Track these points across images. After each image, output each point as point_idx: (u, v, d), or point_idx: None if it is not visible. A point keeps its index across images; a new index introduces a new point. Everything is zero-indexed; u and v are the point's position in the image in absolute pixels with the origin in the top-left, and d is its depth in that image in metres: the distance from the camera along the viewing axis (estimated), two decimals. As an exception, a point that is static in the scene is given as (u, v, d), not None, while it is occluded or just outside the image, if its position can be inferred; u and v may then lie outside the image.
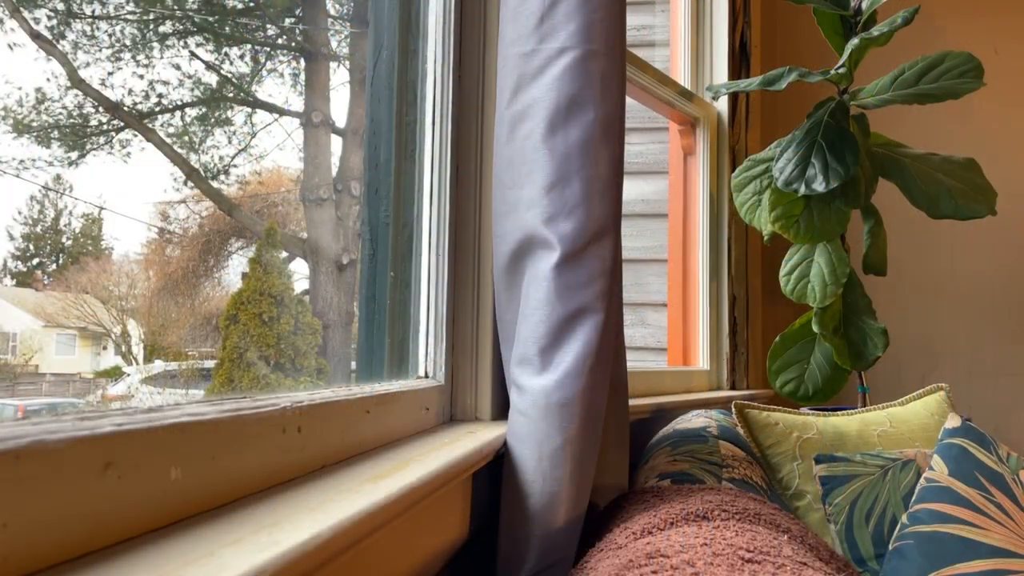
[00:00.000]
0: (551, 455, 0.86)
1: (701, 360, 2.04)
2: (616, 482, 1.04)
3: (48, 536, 0.38)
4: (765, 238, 1.78)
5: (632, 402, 1.17)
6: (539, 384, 0.87)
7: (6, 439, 0.35)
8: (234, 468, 0.53)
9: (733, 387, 2.06)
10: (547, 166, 0.88)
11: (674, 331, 2.09)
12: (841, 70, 1.75)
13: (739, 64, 2.15)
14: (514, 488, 0.88)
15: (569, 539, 0.88)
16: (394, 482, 0.60)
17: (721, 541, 0.72)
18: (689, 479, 1.01)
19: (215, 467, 0.51)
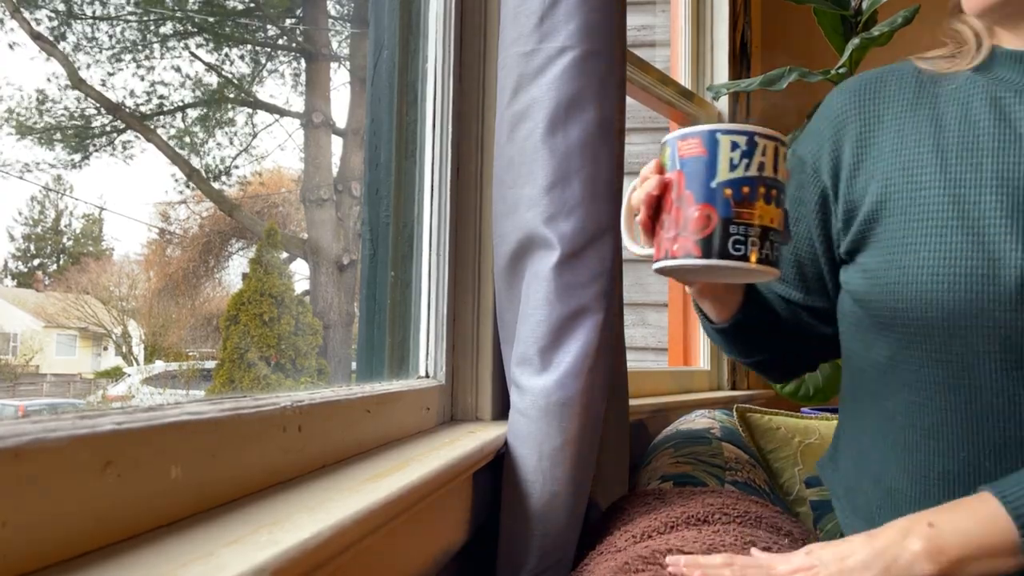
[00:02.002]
0: (551, 455, 0.85)
1: (702, 360, 2.04)
2: (617, 483, 1.03)
3: (48, 535, 0.38)
4: (766, 238, 1.78)
5: (632, 402, 1.17)
6: (539, 384, 0.87)
7: (6, 437, 0.35)
8: (234, 467, 0.53)
9: (734, 387, 2.06)
10: (547, 166, 0.88)
11: (674, 331, 2.09)
12: (842, 70, 1.75)
13: (740, 64, 2.15)
14: (514, 488, 0.88)
15: (569, 540, 0.88)
16: (394, 482, 0.60)
17: (720, 547, 0.72)
18: (692, 481, 1.01)
19: (215, 466, 0.51)
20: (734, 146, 0.61)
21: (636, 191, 0.68)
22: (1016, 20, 0.73)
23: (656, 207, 0.67)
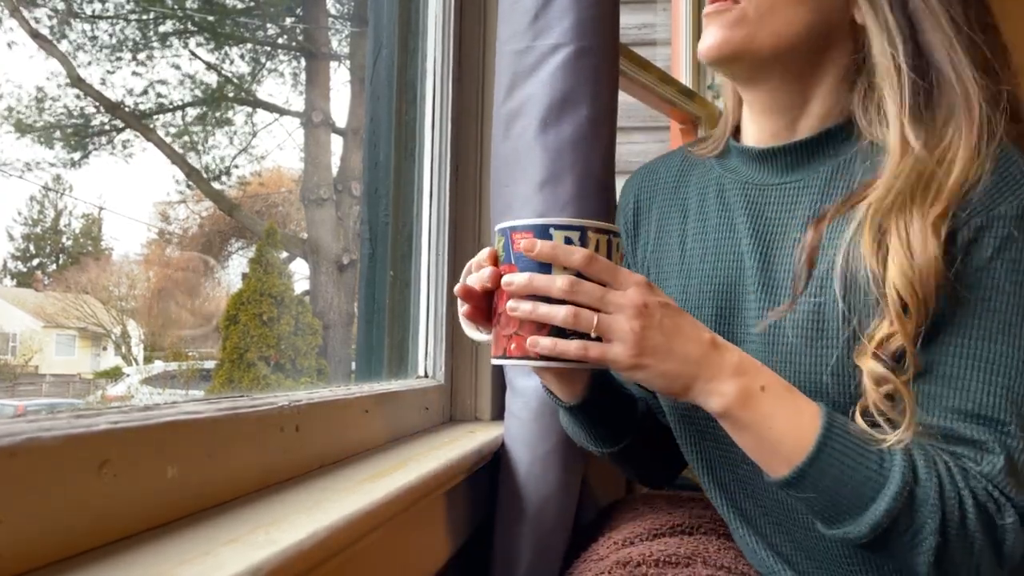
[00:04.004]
0: (543, 458, 0.85)
1: (701, 360, 2.04)
2: (613, 485, 1.03)
3: (44, 534, 0.37)
4: (765, 238, 1.78)
5: (632, 402, 1.16)
6: (531, 385, 0.87)
7: (2, 436, 0.35)
8: (231, 467, 0.53)
9: (733, 387, 2.05)
10: (540, 163, 0.88)
11: (674, 331, 2.08)
12: (842, 70, 1.74)
13: (739, 64, 2.15)
14: (509, 489, 0.87)
15: (560, 541, 0.87)
16: (392, 482, 0.60)
17: (704, 554, 0.72)
18: (686, 483, 1.01)
19: (212, 466, 0.50)
20: (567, 242, 0.59)
21: (469, 277, 0.65)
22: (754, 83, 0.72)
23: (488, 296, 0.64)
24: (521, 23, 0.91)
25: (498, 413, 1.03)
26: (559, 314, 0.57)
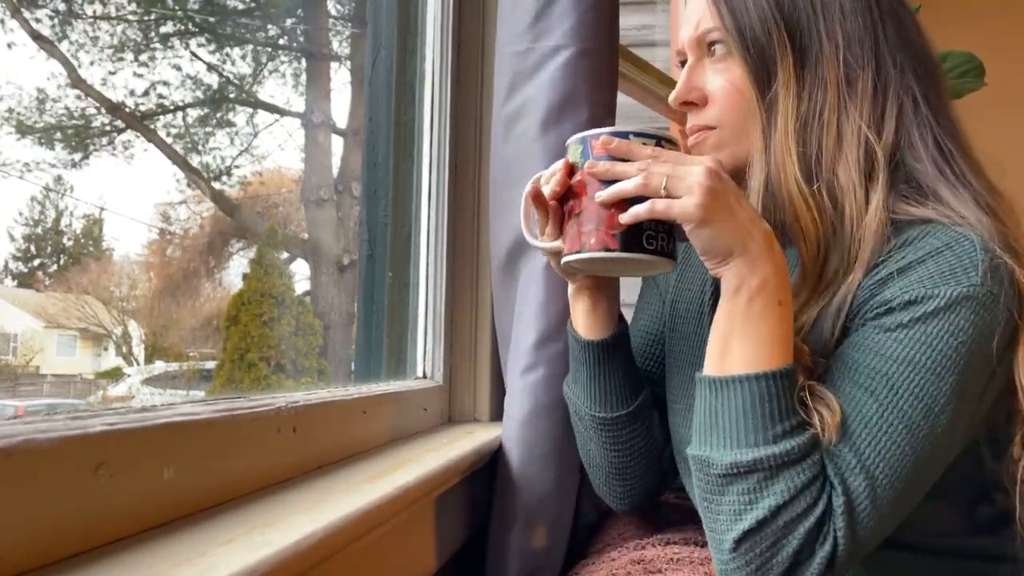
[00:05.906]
0: (541, 458, 0.85)
1: (701, 361, 2.03)
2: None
3: (39, 536, 0.38)
4: (765, 238, 1.78)
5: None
6: (529, 386, 0.87)
7: (-3, 438, 0.35)
8: (228, 468, 0.53)
9: (733, 388, 2.05)
10: (541, 165, 0.88)
11: (674, 332, 2.08)
12: (841, 70, 1.74)
13: (739, 64, 2.14)
14: (505, 491, 0.87)
15: (556, 545, 0.87)
16: (390, 482, 0.60)
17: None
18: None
19: (209, 467, 0.50)
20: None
21: (546, 186, 0.68)
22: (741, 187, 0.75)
23: (563, 203, 0.68)
24: (521, 24, 0.91)
25: (497, 414, 1.03)
26: (632, 181, 0.61)
